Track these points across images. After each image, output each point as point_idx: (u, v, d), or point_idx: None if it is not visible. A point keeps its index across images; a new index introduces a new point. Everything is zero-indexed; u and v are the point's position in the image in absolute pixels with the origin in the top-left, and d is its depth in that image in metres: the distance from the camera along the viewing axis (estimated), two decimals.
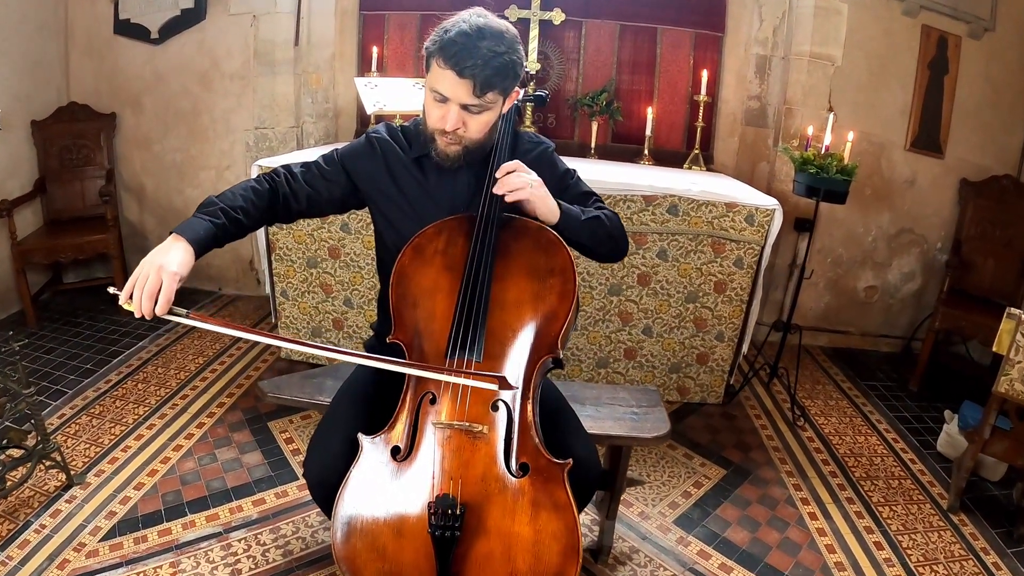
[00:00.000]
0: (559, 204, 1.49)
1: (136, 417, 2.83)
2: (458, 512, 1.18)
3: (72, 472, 2.43)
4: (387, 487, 1.26)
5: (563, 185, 1.66)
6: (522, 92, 1.82)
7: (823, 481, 2.67)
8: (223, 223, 1.39)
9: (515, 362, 1.35)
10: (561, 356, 1.37)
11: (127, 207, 4.19)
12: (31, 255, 3.52)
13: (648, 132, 3.67)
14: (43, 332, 3.58)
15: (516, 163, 1.46)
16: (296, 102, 3.83)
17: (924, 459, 2.88)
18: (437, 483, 1.24)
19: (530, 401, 1.32)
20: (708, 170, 3.69)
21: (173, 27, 3.77)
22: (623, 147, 3.88)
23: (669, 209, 2.87)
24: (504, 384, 1.19)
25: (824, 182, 2.86)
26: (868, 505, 2.53)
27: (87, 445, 2.63)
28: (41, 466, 2.34)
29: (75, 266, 4.07)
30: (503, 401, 1.31)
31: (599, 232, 1.56)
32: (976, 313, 3.31)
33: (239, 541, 2.17)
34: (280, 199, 1.54)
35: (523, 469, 1.26)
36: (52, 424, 2.75)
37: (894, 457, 2.88)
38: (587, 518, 2.29)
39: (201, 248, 1.34)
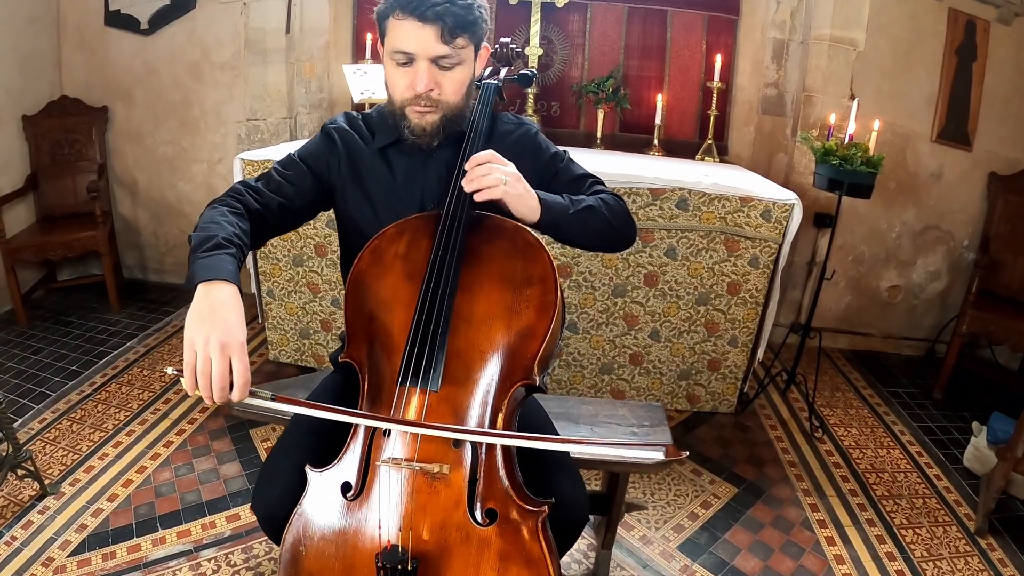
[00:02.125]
0: (541, 199, 1.29)
1: (117, 423, 2.72)
2: (409, 568, 1.01)
3: (47, 481, 2.34)
4: (336, 528, 1.10)
5: (552, 170, 1.47)
6: (504, 71, 1.61)
7: (842, 500, 2.47)
8: (235, 252, 1.13)
9: (482, 389, 1.15)
10: (539, 382, 1.16)
11: (120, 202, 4.08)
12: (20, 253, 3.42)
13: (658, 121, 3.48)
14: (33, 332, 3.48)
15: (490, 153, 1.26)
16: (289, 92, 3.68)
17: (950, 475, 2.67)
18: (388, 530, 1.06)
19: None
20: (722, 161, 3.49)
21: (163, 17, 3.64)
22: (631, 137, 3.68)
23: (678, 203, 2.67)
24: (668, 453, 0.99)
25: (848, 175, 2.65)
26: (890, 528, 2.33)
27: (65, 452, 2.52)
28: (15, 475, 2.24)
29: (69, 263, 3.98)
30: None
31: (594, 224, 1.36)
32: (1006, 316, 3.10)
33: (209, 561, 2.04)
34: (255, 217, 1.29)
35: (490, 516, 1.07)
36: (32, 429, 2.66)
37: (918, 473, 2.68)
38: (583, 543, 2.12)
39: (240, 287, 1.09)
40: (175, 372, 1.02)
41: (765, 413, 3.04)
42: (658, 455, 0.98)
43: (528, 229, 1.27)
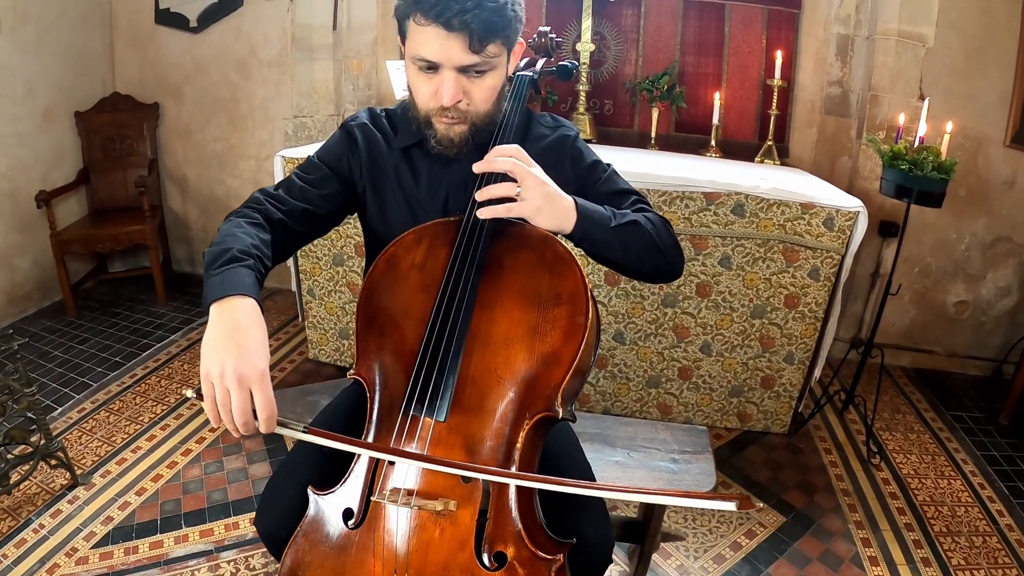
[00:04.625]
0: (577, 205, 1.13)
1: (153, 416, 2.73)
2: None
3: (79, 471, 2.37)
4: (335, 556, 1.01)
5: (591, 180, 1.31)
6: (541, 63, 1.48)
7: (896, 535, 2.28)
8: (252, 263, 1.04)
9: (497, 420, 1.03)
10: (562, 415, 1.02)
11: (170, 197, 4.13)
12: (69, 245, 3.48)
13: (715, 121, 3.31)
14: (80, 322, 3.55)
15: (515, 148, 1.12)
16: (336, 89, 3.65)
17: (1012, 510, 2.44)
18: (386, 567, 0.97)
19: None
20: (782, 164, 3.30)
21: (211, 15, 3.65)
22: (687, 137, 3.53)
23: (734, 209, 2.51)
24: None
25: (917, 181, 2.44)
26: (946, 568, 2.14)
27: (100, 443, 2.55)
28: (47, 464, 2.27)
29: (121, 255, 4.05)
30: None
31: (636, 243, 1.18)
32: None
33: (228, 563, 2.01)
34: (277, 227, 1.20)
35: (499, 560, 0.96)
36: (71, 418, 2.70)
37: (979, 507, 2.46)
38: (615, 569, 2.00)
39: (260, 300, 1.00)
40: (195, 395, 0.93)
41: (820, 435, 2.85)
42: (729, 506, 0.82)
43: (559, 240, 1.14)
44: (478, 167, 1.11)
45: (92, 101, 3.77)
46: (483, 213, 1.09)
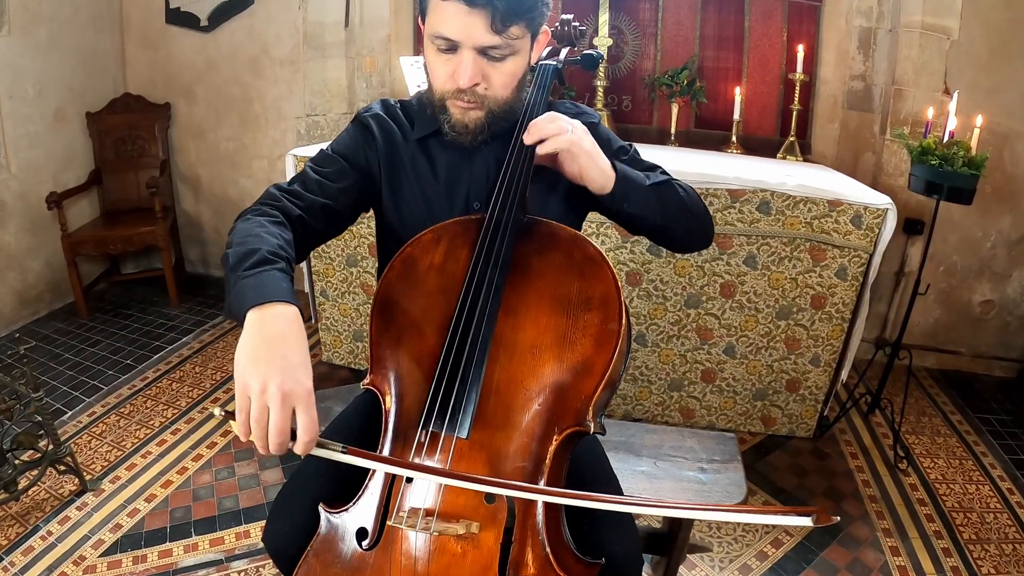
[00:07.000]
0: (613, 163, 1.14)
1: (164, 420, 2.69)
2: None
3: (88, 477, 2.34)
4: None
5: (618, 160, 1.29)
6: (564, 52, 1.42)
7: (925, 543, 2.20)
8: (284, 267, 0.95)
9: (524, 435, 0.95)
10: (593, 429, 0.95)
11: (183, 197, 4.10)
12: (81, 246, 3.45)
13: (736, 116, 3.22)
14: (92, 324, 3.52)
15: (552, 114, 1.13)
16: (349, 87, 3.60)
17: None
18: None
19: None
20: (805, 160, 3.21)
21: (222, 13, 3.61)
22: (708, 133, 3.44)
23: (759, 206, 2.43)
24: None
25: (948, 177, 2.35)
26: None
27: (109, 447, 2.52)
28: (56, 469, 2.24)
29: (133, 256, 4.02)
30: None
31: (672, 201, 1.19)
32: None
33: (239, 573, 1.97)
34: (297, 225, 1.11)
35: None
36: (81, 422, 2.66)
37: (1009, 513, 2.37)
38: None
39: (301, 308, 0.92)
40: (223, 413, 0.84)
41: (846, 439, 2.76)
42: (805, 521, 0.75)
43: (589, 240, 1.08)
44: (528, 137, 1.12)
45: (103, 102, 3.74)
46: (544, 147, 1.11)
